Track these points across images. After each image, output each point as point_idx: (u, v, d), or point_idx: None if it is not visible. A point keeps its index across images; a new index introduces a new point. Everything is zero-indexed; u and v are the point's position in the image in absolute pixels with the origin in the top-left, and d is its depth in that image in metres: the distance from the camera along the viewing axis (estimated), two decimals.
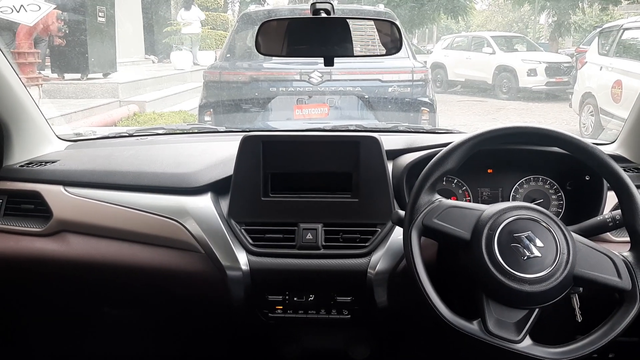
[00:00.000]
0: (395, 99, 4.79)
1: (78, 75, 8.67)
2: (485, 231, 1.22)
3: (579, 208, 1.55)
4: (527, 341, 1.18)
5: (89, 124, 6.65)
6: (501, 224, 1.22)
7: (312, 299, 1.52)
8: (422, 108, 4.91)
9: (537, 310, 1.20)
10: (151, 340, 1.83)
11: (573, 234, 1.25)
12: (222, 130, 2.12)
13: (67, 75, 8.67)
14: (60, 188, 1.63)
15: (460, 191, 1.62)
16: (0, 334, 1.84)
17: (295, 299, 1.52)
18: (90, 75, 8.72)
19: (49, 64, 8.61)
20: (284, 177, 1.53)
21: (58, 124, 1.83)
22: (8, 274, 1.64)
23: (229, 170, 1.54)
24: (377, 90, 4.83)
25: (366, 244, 1.47)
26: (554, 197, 1.61)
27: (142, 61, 13.29)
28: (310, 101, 4.82)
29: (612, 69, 6.91)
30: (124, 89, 8.67)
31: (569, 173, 1.57)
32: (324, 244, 1.48)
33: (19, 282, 1.69)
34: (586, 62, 7.76)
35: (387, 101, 4.77)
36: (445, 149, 1.29)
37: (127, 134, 2.08)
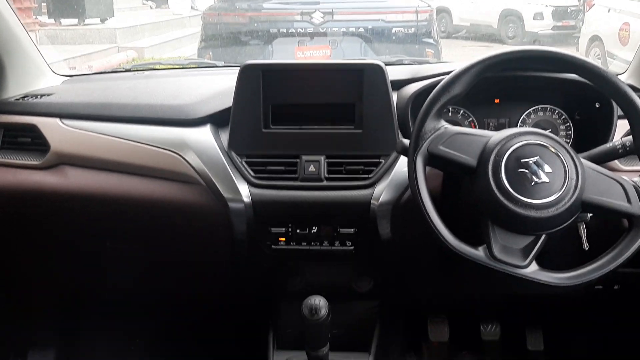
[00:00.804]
0: (399, 40, 4.68)
1: (75, 21, 8.50)
2: (492, 157, 1.19)
3: (587, 137, 1.51)
4: (534, 266, 1.17)
5: (87, 69, 6.56)
6: (509, 149, 1.19)
7: (315, 230, 1.50)
8: (427, 50, 4.81)
9: (543, 236, 1.18)
10: (155, 275, 1.83)
11: (582, 159, 1.22)
12: (220, 65, 2.07)
13: (63, 21, 8.50)
14: (57, 120, 1.60)
15: (466, 122, 1.58)
16: (1, 269, 1.84)
17: (298, 230, 1.50)
18: (87, 21, 8.56)
19: (45, 11, 8.44)
20: (286, 109, 1.48)
21: (59, 67, 1.81)
22: (7, 207, 1.62)
23: (228, 101, 1.50)
24: (381, 31, 4.72)
25: (369, 176, 1.45)
26: (562, 127, 1.57)
27: (139, 7, 13.03)
28: (312, 43, 4.72)
29: (620, 11, 6.74)
30: (122, 34, 8.52)
31: (579, 101, 1.53)
32: (326, 175, 1.45)
33: (18, 216, 1.68)
34: (594, 4, 7.57)
35: (390, 42, 4.67)
36: (452, 73, 1.25)
37: (123, 70, 2.04)
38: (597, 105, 1.49)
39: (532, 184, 1.17)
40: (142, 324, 2.16)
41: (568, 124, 1.57)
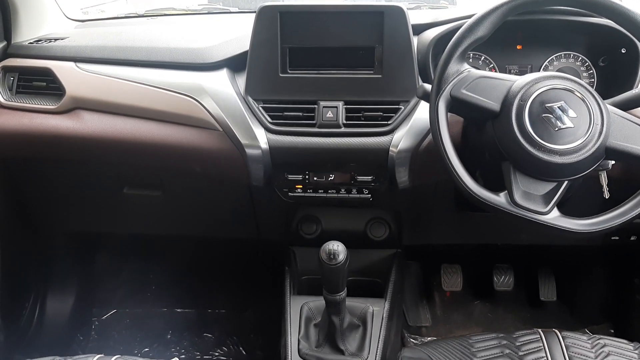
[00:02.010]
0: None
1: None
2: (516, 102, 1.16)
3: (611, 84, 1.48)
4: (555, 213, 1.15)
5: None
6: (533, 94, 1.16)
7: (332, 178, 1.49)
8: None
9: (566, 183, 1.16)
10: (172, 220, 1.85)
11: (608, 105, 1.19)
12: (234, 10, 2.03)
13: None
14: (72, 64, 1.58)
15: (487, 69, 1.55)
16: (20, 212, 1.86)
17: (315, 178, 1.49)
18: None
19: None
20: (303, 52, 1.45)
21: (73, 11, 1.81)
22: (24, 151, 1.62)
23: (245, 45, 1.47)
24: None
25: (388, 122, 1.42)
26: (585, 74, 1.54)
27: None
28: None
29: None
30: None
31: (603, 47, 1.49)
32: (344, 122, 1.43)
33: (35, 160, 1.68)
34: None
35: None
36: (477, 14, 1.21)
37: (136, 14, 2.00)
38: (622, 50, 1.45)
39: (556, 129, 1.14)
40: (158, 268, 2.19)
41: (591, 71, 1.53)
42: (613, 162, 1.24)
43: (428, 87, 1.27)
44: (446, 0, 4.86)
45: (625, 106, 1.27)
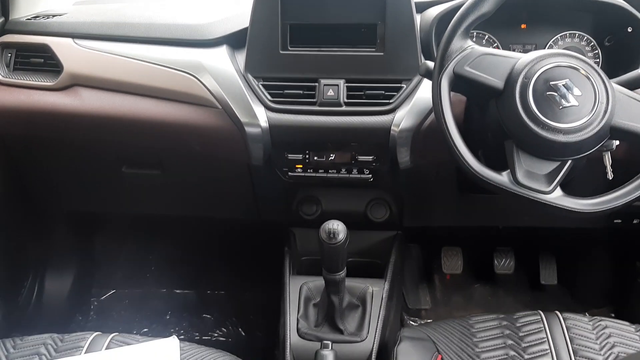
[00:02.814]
0: None
1: None
2: (520, 79, 1.15)
3: (617, 64, 1.46)
4: (558, 192, 1.14)
5: None
6: (537, 71, 1.14)
7: (332, 158, 1.48)
8: None
9: (569, 162, 1.15)
10: (171, 199, 1.84)
11: (613, 84, 1.17)
12: None
13: None
14: (70, 40, 1.56)
15: (491, 48, 1.52)
16: (18, 191, 1.85)
17: (315, 157, 1.48)
18: None
19: None
20: (304, 29, 1.43)
21: None
22: (23, 128, 1.61)
23: (244, 21, 1.45)
24: None
25: (390, 101, 1.41)
26: (590, 54, 1.52)
27: None
28: None
29: None
30: None
31: (609, 26, 1.47)
32: (346, 100, 1.41)
33: (33, 136, 1.67)
34: None
35: None
36: None
37: None
38: (629, 29, 1.43)
39: (561, 107, 1.13)
40: (158, 249, 2.19)
41: (597, 51, 1.51)
42: (617, 142, 1.23)
43: (431, 64, 1.25)
44: None
45: (631, 85, 1.25)
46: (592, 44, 1.51)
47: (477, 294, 2.13)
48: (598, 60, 1.52)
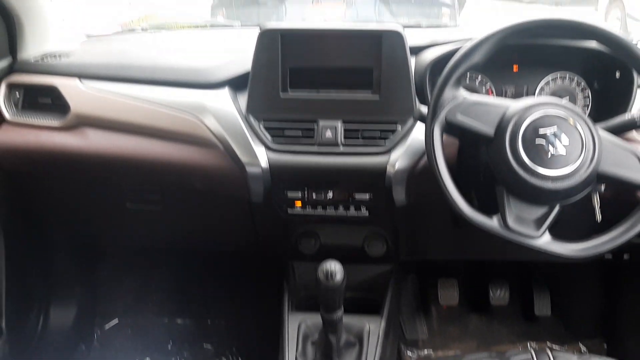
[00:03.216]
0: None
1: None
2: (510, 127, 1.19)
3: (606, 107, 1.51)
4: (546, 237, 1.18)
5: (101, 24, 6.51)
6: (526, 119, 1.19)
7: (330, 196, 1.52)
8: (443, 8, 4.72)
9: (557, 207, 1.19)
10: (174, 234, 1.88)
11: (600, 130, 1.22)
12: (236, 25, 2.06)
13: None
14: (77, 81, 1.61)
15: (483, 89, 1.57)
16: (25, 224, 1.89)
17: (314, 195, 1.52)
18: None
19: None
20: (303, 73, 1.48)
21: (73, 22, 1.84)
22: (30, 166, 1.65)
23: (246, 65, 1.50)
24: None
25: (386, 142, 1.45)
26: (580, 95, 1.56)
27: None
28: (326, 0, 4.64)
29: None
30: None
31: (598, 70, 1.52)
32: (343, 141, 1.46)
33: (40, 175, 1.71)
34: None
35: (406, 0, 4.58)
36: (472, 42, 1.24)
37: (140, 29, 2.03)
38: (617, 74, 1.48)
39: (549, 155, 1.17)
40: (159, 280, 2.22)
41: (587, 93, 1.56)
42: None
43: (424, 109, 1.30)
44: (449, 17, 4.89)
45: (618, 130, 1.29)
46: (583, 85, 1.56)
47: (472, 325, 2.15)
48: (588, 101, 1.56)
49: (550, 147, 1.17)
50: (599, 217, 1.28)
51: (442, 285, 2.15)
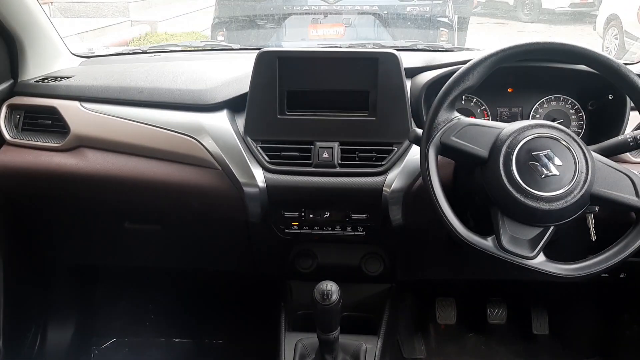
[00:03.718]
0: (413, 19, 4.65)
1: None
2: (504, 149, 1.21)
3: (599, 128, 1.52)
4: (541, 257, 1.19)
5: (101, 44, 6.57)
6: (520, 142, 1.21)
7: (327, 216, 1.53)
8: (441, 29, 4.77)
9: (552, 228, 1.20)
10: (171, 253, 1.89)
11: (593, 152, 1.23)
12: (236, 47, 2.09)
13: None
14: (77, 103, 1.63)
15: (479, 110, 1.59)
16: (23, 245, 1.90)
17: (311, 215, 1.53)
18: None
19: None
20: (301, 95, 1.50)
21: (72, 42, 1.85)
22: (29, 187, 1.67)
23: (244, 87, 1.52)
24: (395, 9, 4.68)
25: (382, 163, 1.47)
26: (574, 117, 1.58)
27: None
28: (326, 21, 4.69)
29: None
30: (134, 8, 8.49)
31: (592, 92, 1.54)
32: (340, 162, 1.47)
33: (39, 195, 1.72)
34: None
35: (404, 21, 4.63)
36: (466, 65, 1.26)
37: (140, 51, 2.06)
38: (610, 97, 1.50)
39: (543, 176, 1.18)
40: (157, 299, 2.22)
41: (581, 115, 1.58)
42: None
43: (419, 132, 1.31)
44: (446, 28, 4.93)
45: (611, 152, 1.31)
46: (577, 107, 1.58)
47: (470, 343, 2.15)
48: (582, 123, 1.58)
49: (544, 169, 1.19)
50: (593, 237, 1.29)
51: (440, 304, 2.16)
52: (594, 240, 1.29)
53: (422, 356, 2.11)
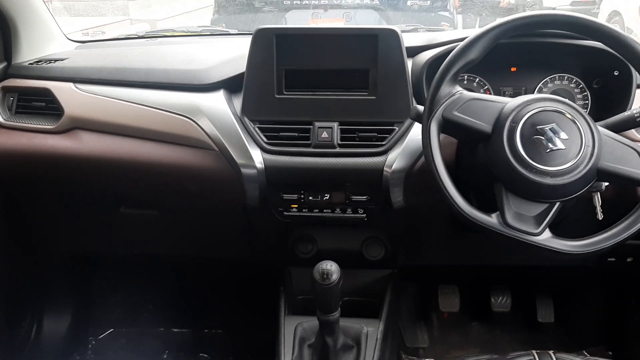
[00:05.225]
0: (414, 12, 4.62)
1: None
2: (508, 123, 1.18)
3: (605, 106, 1.49)
4: (547, 234, 1.16)
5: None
6: (524, 115, 1.17)
7: (327, 197, 1.50)
8: (442, 23, 4.75)
9: (557, 204, 1.17)
10: (168, 239, 1.86)
11: (599, 127, 1.20)
12: (233, 32, 2.07)
13: None
14: (71, 85, 1.60)
15: (482, 90, 1.56)
16: (17, 232, 1.87)
17: (310, 197, 1.50)
18: None
19: None
20: (299, 74, 1.47)
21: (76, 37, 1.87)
22: (23, 171, 1.64)
23: (241, 67, 1.49)
24: (396, 4, 4.66)
25: (383, 143, 1.44)
26: (579, 96, 1.55)
27: None
28: (326, 15, 4.66)
29: None
30: (134, 6, 8.50)
31: (596, 70, 1.51)
32: (339, 142, 1.44)
33: (33, 179, 1.70)
34: None
35: (406, 14, 4.61)
36: (468, 38, 1.23)
37: (136, 36, 2.04)
38: (615, 73, 1.46)
39: (548, 150, 1.15)
40: (155, 288, 2.20)
41: (585, 93, 1.55)
42: (607, 183, 1.25)
43: (421, 108, 1.28)
44: (448, 22, 4.92)
45: (618, 128, 1.27)
46: (581, 86, 1.55)
47: (474, 332, 2.12)
48: (587, 102, 1.55)
49: (549, 143, 1.16)
50: (600, 215, 1.26)
51: (443, 291, 2.13)
52: (600, 219, 1.26)
53: (425, 345, 2.08)
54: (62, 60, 1.71)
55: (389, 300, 1.67)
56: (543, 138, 1.16)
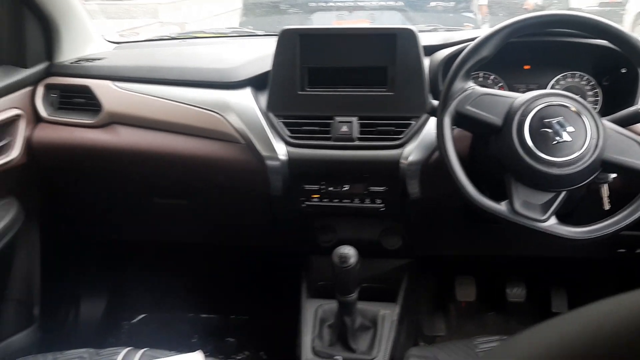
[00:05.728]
0: (437, 13, 4.67)
1: None
2: (517, 117, 1.25)
3: (615, 102, 1.54)
4: (553, 220, 1.23)
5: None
6: (533, 109, 1.24)
7: (346, 188, 1.58)
8: (465, 24, 4.77)
9: (563, 193, 1.23)
10: (198, 228, 1.96)
11: (604, 121, 1.26)
12: (260, 33, 2.16)
13: None
14: (109, 83, 1.71)
15: (496, 87, 1.62)
16: (58, 221, 1.99)
17: (330, 188, 1.58)
18: None
19: None
20: (321, 71, 1.56)
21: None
22: (65, 162, 1.76)
23: (267, 65, 1.58)
24: (420, 5, 4.71)
25: (400, 136, 1.51)
26: (590, 93, 1.60)
27: None
28: (351, 17, 4.73)
29: None
30: (163, 9, 8.67)
31: (606, 67, 1.56)
32: (358, 136, 1.52)
33: (76, 170, 1.82)
34: None
35: (429, 15, 4.65)
36: (482, 36, 1.30)
37: (169, 37, 2.14)
38: (623, 70, 1.52)
39: (554, 142, 1.22)
40: (185, 274, 2.30)
41: (596, 90, 1.60)
42: (614, 175, 1.31)
43: (436, 103, 1.36)
44: (471, 23, 4.93)
45: (624, 122, 1.33)
46: (592, 83, 1.60)
47: (490, 321, 2.17)
48: (598, 98, 1.60)
49: (556, 136, 1.22)
50: (606, 205, 1.32)
51: (460, 282, 2.19)
52: (607, 209, 1.32)
53: (443, 333, 2.14)
54: (100, 59, 1.82)
55: (405, 286, 1.74)
56: (550, 131, 1.23)
